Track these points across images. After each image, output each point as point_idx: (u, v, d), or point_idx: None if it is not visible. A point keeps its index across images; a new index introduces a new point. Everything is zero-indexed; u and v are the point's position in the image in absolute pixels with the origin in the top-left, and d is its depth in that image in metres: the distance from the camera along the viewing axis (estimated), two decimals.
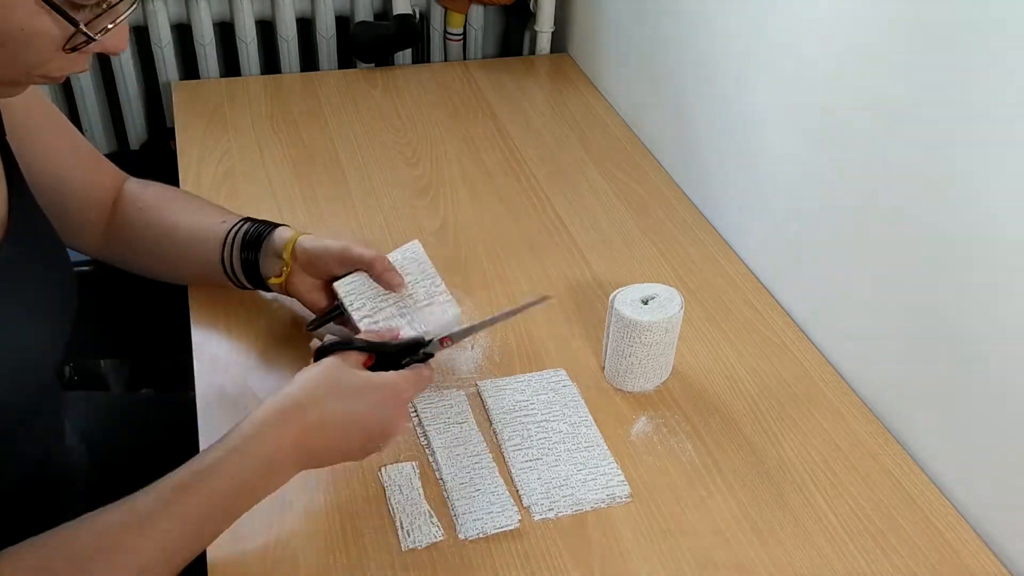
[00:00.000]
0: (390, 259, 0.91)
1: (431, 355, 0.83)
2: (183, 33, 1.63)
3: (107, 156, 1.00)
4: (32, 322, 0.78)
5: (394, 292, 0.90)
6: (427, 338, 0.84)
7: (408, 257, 0.93)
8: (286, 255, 0.92)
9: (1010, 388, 0.79)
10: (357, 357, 0.79)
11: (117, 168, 1.01)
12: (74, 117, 1.67)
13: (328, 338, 0.82)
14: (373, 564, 0.77)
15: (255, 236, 0.94)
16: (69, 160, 0.92)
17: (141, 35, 1.62)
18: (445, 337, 0.84)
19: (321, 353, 0.79)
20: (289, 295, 0.96)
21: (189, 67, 1.66)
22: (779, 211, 1.09)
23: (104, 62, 1.64)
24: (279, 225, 0.96)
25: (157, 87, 1.65)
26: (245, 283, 0.97)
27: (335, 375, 0.75)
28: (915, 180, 0.87)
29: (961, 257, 0.82)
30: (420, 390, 0.82)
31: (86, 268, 1.17)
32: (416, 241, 0.95)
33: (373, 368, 0.80)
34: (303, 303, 0.96)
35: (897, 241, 0.90)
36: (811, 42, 0.99)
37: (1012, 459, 0.80)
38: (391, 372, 0.79)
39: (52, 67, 0.67)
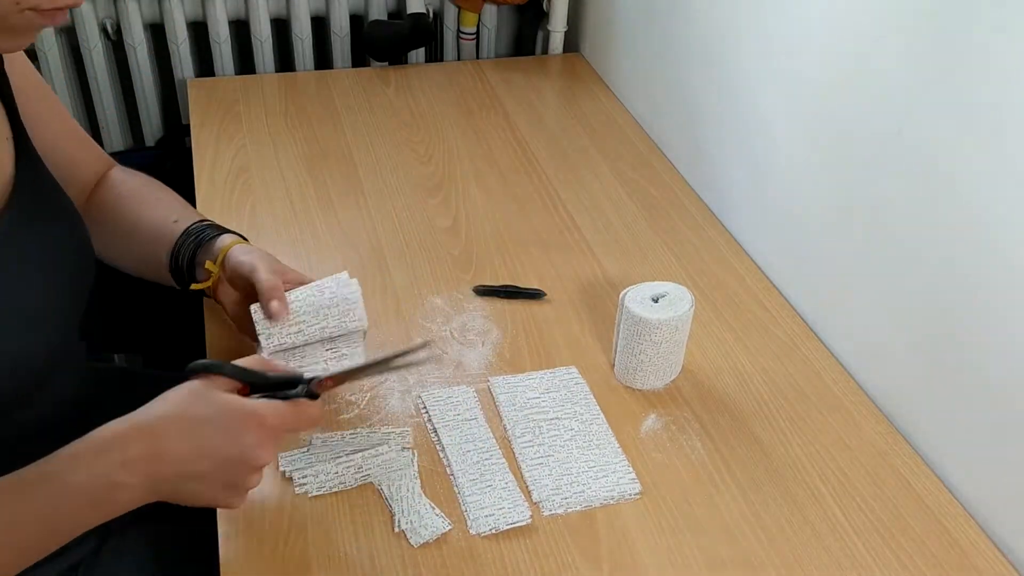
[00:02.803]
0: (319, 297, 0.87)
1: (315, 395, 0.75)
2: (199, 31, 1.65)
3: (123, 152, 1.01)
4: (45, 279, 0.78)
5: (278, 321, 0.85)
6: (307, 375, 0.76)
7: (336, 297, 0.88)
8: (215, 264, 0.90)
9: (1019, 388, 0.79)
10: (228, 383, 0.72)
11: (105, 154, 1.00)
12: (91, 113, 1.69)
13: (200, 361, 0.74)
14: (384, 558, 0.77)
15: (198, 240, 0.92)
16: (56, 134, 0.92)
17: (157, 33, 1.63)
18: (327, 378, 0.75)
19: (192, 374, 0.73)
20: (220, 304, 0.94)
21: (204, 65, 1.67)
22: (789, 211, 1.10)
23: (121, 60, 1.65)
24: (228, 232, 0.93)
25: (173, 84, 1.66)
26: (184, 285, 0.94)
27: (190, 398, 0.70)
28: (925, 181, 0.87)
29: (971, 258, 0.82)
30: (299, 426, 0.74)
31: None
32: (345, 274, 0.89)
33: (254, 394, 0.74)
34: (227, 316, 0.94)
35: (907, 241, 0.90)
36: (822, 43, 0.99)
37: (1021, 459, 0.80)
38: (258, 399, 0.72)
39: None
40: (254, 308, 0.87)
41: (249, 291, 0.89)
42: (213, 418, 0.69)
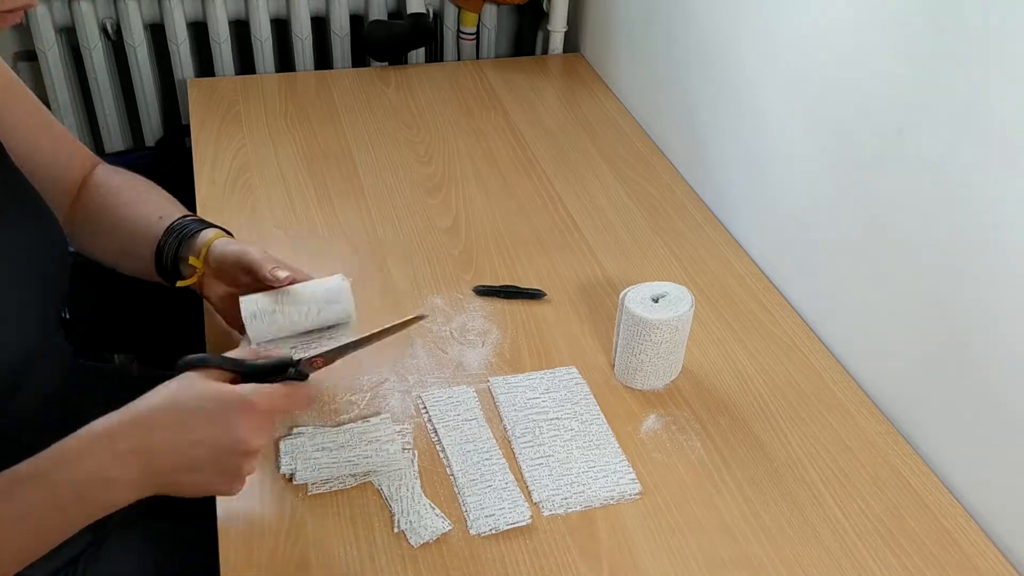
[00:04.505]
0: (304, 289, 0.89)
1: (305, 376, 0.76)
2: (199, 31, 1.65)
3: (123, 153, 1.01)
4: (13, 277, 0.78)
5: (278, 286, 0.86)
6: (296, 357, 0.76)
7: (323, 289, 0.89)
8: (198, 258, 0.90)
9: (1019, 388, 0.79)
10: (218, 374, 0.73)
11: (90, 152, 1.00)
12: (91, 113, 1.69)
13: (190, 356, 0.74)
14: (384, 558, 0.77)
15: (180, 237, 0.92)
16: (40, 139, 0.92)
17: (157, 33, 1.63)
18: (316, 357, 0.76)
19: (181, 368, 0.73)
20: (208, 300, 0.94)
21: (204, 65, 1.67)
22: (789, 211, 1.10)
23: (121, 60, 1.65)
24: (211, 226, 0.93)
25: (173, 84, 1.66)
26: (172, 282, 0.94)
27: (180, 390, 0.70)
28: (925, 181, 0.87)
29: (971, 257, 0.82)
30: (292, 407, 0.75)
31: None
32: (339, 276, 0.91)
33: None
34: (215, 310, 0.94)
35: (907, 241, 0.90)
36: (822, 43, 0.99)
37: (1021, 459, 0.80)
38: (247, 384, 0.72)
39: None
40: (243, 299, 0.87)
41: (236, 283, 0.90)
42: (203, 407, 0.69)
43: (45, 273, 0.84)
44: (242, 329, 0.88)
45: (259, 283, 0.89)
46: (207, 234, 0.91)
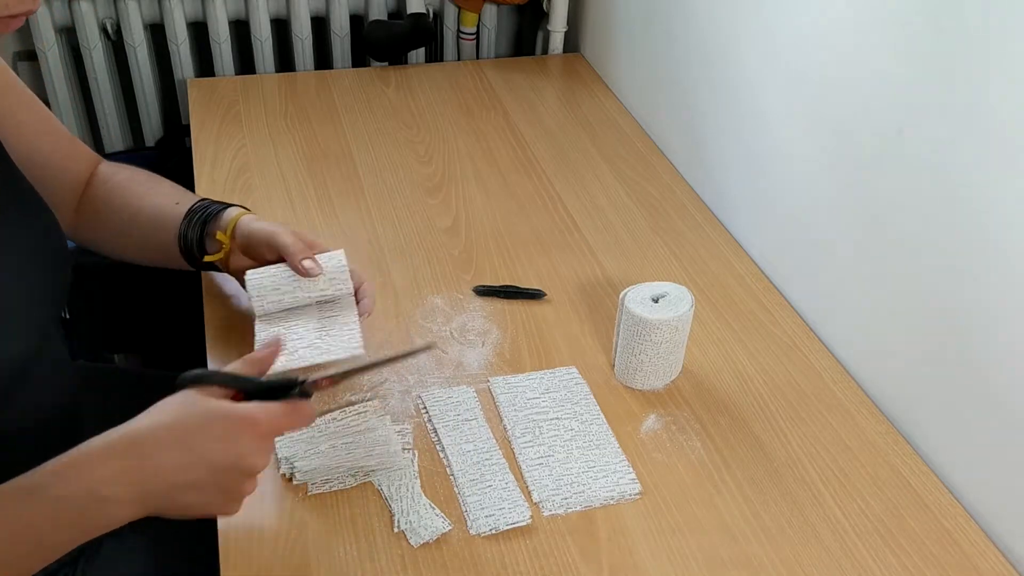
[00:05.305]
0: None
1: (309, 395, 0.73)
2: (199, 31, 1.65)
3: (123, 153, 1.01)
4: (14, 279, 0.78)
5: (306, 279, 0.90)
6: (300, 378, 0.74)
7: (330, 267, 0.91)
8: (225, 235, 0.93)
9: (1019, 388, 0.79)
10: (220, 391, 0.71)
11: (91, 151, 1.02)
12: (91, 113, 1.69)
13: (191, 372, 0.72)
14: (384, 558, 0.77)
15: (205, 216, 0.95)
16: (42, 140, 0.93)
17: (157, 33, 1.63)
18: (323, 378, 0.74)
19: (181, 384, 0.71)
20: (232, 275, 0.97)
21: (204, 65, 1.67)
22: (789, 211, 1.10)
23: (121, 60, 1.65)
24: (231, 206, 0.97)
25: (173, 85, 1.66)
26: (199, 262, 0.97)
27: (180, 408, 0.68)
28: (925, 180, 0.87)
29: (971, 257, 0.82)
30: (294, 425, 0.72)
31: (98, 262, 1.18)
32: (341, 251, 0.93)
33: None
34: (239, 282, 0.97)
35: (907, 241, 0.90)
36: (822, 43, 0.99)
37: (1021, 459, 0.80)
38: (250, 403, 0.70)
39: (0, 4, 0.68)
40: (248, 274, 0.91)
41: (263, 260, 0.92)
42: (205, 426, 0.67)
43: (46, 273, 0.84)
44: None
45: (283, 259, 0.92)
46: (231, 212, 0.95)
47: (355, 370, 0.77)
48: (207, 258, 0.94)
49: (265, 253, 0.92)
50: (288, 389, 0.73)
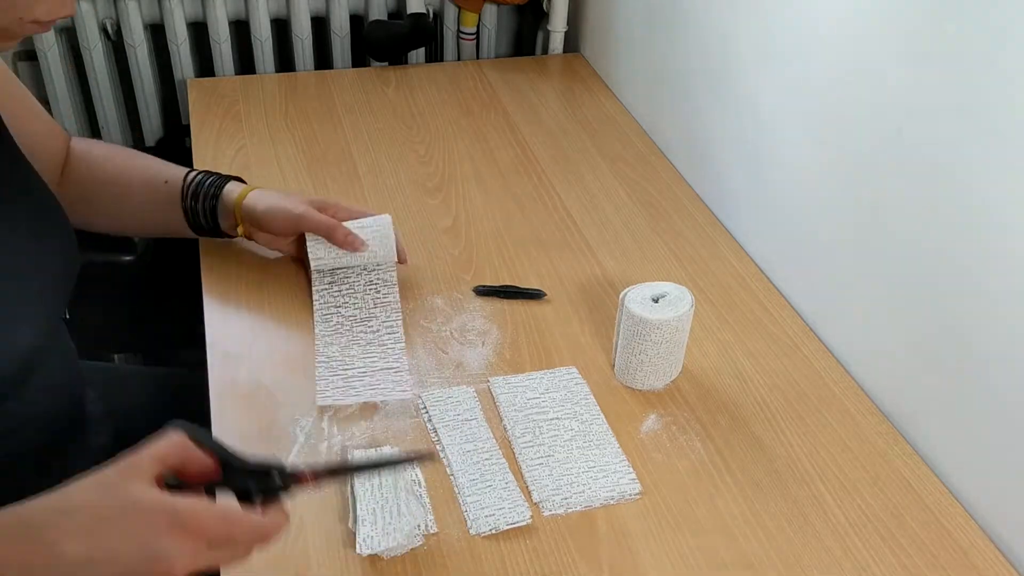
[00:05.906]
0: (355, 227, 1.02)
1: (286, 488, 0.65)
2: (199, 31, 1.65)
3: None
4: (25, 269, 0.78)
5: (356, 253, 1.02)
6: (287, 468, 0.66)
7: (375, 232, 1.03)
8: (237, 214, 1.00)
9: (1019, 388, 0.79)
10: (199, 463, 0.62)
11: (61, 127, 1.03)
12: (91, 113, 1.69)
13: (183, 422, 0.64)
14: (383, 558, 0.77)
15: (212, 188, 1.01)
16: (20, 115, 0.91)
17: (157, 33, 1.63)
18: (307, 472, 0.66)
19: (172, 430, 0.63)
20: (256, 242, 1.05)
21: (204, 65, 1.67)
22: (790, 211, 1.10)
23: (121, 60, 1.65)
24: (230, 178, 1.02)
25: (173, 85, 1.66)
26: (214, 230, 1.03)
27: (98, 491, 0.59)
28: (925, 180, 0.87)
29: (972, 258, 0.82)
30: (237, 537, 0.61)
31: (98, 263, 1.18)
32: (388, 216, 1.04)
33: (224, 478, 0.64)
34: (272, 249, 1.06)
35: (908, 242, 0.90)
36: (822, 43, 0.99)
37: (1021, 459, 0.80)
38: (190, 499, 0.60)
39: (40, 11, 0.70)
40: (309, 235, 1.02)
41: (281, 233, 1.02)
42: (120, 517, 0.58)
43: (54, 271, 0.84)
44: (304, 260, 1.04)
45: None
46: (233, 188, 1.00)
47: (342, 469, 0.74)
48: (231, 233, 1.02)
49: (288, 231, 0.99)
50: (266, 474, 0.65)
